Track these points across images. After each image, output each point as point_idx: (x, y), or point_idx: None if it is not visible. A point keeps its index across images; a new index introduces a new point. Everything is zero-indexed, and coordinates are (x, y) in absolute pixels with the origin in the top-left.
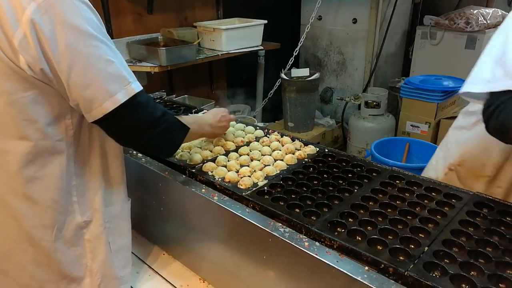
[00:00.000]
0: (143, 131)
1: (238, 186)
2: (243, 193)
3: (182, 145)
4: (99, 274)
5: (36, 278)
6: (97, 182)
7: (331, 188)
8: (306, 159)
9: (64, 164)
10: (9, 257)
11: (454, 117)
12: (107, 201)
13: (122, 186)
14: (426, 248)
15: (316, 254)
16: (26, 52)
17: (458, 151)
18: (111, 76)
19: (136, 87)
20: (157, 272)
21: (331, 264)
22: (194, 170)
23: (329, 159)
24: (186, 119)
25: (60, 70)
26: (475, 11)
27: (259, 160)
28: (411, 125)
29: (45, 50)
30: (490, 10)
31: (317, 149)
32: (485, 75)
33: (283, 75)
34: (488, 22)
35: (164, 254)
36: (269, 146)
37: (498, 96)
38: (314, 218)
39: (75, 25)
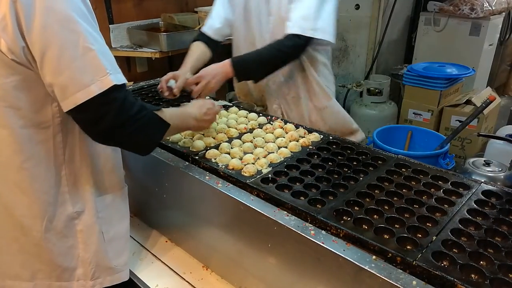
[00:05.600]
0: (116, 128)
1: (242, 173)
2: (247, 181)
3: (184, 132)
4: (92, 264)
5: (27, 267)
6: (88, 171)
7: (336, 176)
8: (310, 147)
9: (52, 154)
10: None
11: (458, 105)
12: (99, 190)
13: (115, 174)
14: (434, 238)
15: (322, 243)
16: (5, 33)
17: None
18: (87, 65)
19: (115, 79)
20: (159, 259)
21: (337, 253)
22: (197, 157)
23: (334, 146)
24: (168, 113)
25: (33, 52)
26: None
27: (262, 147)
28: (413, 113)
29: (22, 29)
30: None
31: (321, 136)
32: None
33: None
34: (493, 8)
35: (167, 241)
36: (272, 133)
37: None
38: (320, 206)
39: (54, 7)
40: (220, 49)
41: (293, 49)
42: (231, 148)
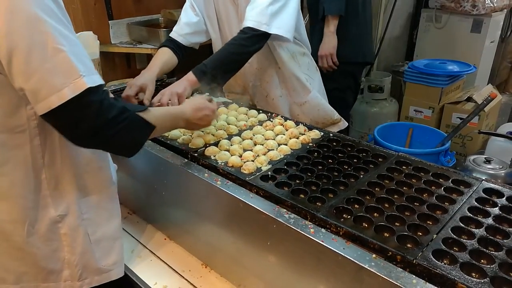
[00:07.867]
0: (94, 132)
1: (242, 170)
2: (247, 178)
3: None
4: (79, 265)
5: (12, 271)
6: (70, 173)
7: (336, 174)
8: (310, 144)
9: (29, 158)
10: None
11: (459, 102)
12: (83, 192)
13: (100, 174)
14: (435, 236)
15: (322, 241)
16: None
17: None
18: (58, 67)
19: (89, 81)
20: (158, 257)
21: (337, 251)
22: (196, 154)
23: (334, 144)
24: (156, 113)
25: (1, 56)
26: None
27: (262, 145)
28: (414, 110)
29: None
30: None
31: (322, 133)
32: None
33: None
34: (495, 5)
35: (165, 239)
36: (272, 130)
37: None
38: (320, 204)
39: (18, 7)
40: (187, 55)
41: (250, 41)
42: (231, 145)
